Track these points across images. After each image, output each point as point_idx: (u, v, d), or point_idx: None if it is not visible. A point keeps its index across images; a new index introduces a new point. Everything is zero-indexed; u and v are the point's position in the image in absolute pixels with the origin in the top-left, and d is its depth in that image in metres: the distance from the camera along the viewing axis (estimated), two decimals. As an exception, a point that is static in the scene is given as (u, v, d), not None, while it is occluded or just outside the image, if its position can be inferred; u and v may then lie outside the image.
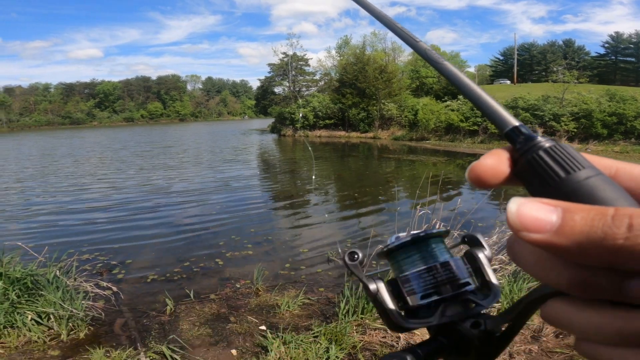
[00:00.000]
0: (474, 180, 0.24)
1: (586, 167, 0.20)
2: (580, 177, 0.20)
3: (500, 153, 0.24)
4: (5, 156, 24.17)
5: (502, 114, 0.25)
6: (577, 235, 0.18)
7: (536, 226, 0.18)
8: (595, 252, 0.17)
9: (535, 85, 37.79)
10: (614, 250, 0.17)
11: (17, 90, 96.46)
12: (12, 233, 6.98)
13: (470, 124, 23.22)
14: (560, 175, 0.20)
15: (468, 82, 0.26)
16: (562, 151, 0.21)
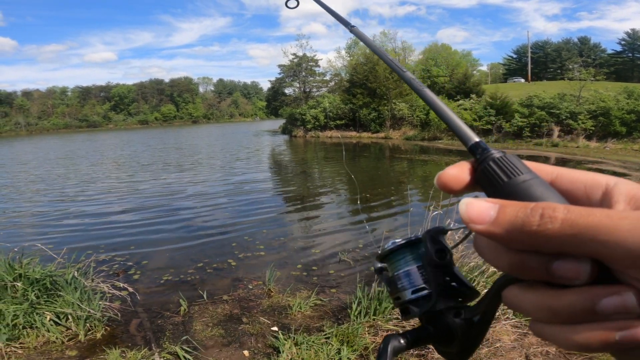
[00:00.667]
0: (441, 186, 0.28)
1: (524, 172, 0.25)
2: (519, 180, 0.24)
3: (463, 164, 0.28)
4: (25, 160, 24.88)
5: (467, 132, 0.30)
6: (506, 224, 0.22)
7: (479, 219, 0.23)
8: (520, 237, 0.22)
9: (551, 84, 37.02)
10: (531, 235, 0.21)
11: (35, 94, 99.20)
12: (32, 234, 7.18)
13: (484, 123, 22.88)
14: (504, 180, 0.25)
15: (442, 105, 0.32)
16: (507, 160, 0.26)
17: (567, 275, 0.22)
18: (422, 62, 43.82)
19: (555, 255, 0.22)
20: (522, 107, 21.83)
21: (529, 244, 0.22)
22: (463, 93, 29.19)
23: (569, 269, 0.21)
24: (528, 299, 0.23)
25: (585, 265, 0.21)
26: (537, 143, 20.12)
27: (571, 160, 15.30)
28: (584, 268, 0.21)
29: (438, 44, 48.69)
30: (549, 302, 0.22)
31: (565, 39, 68.06)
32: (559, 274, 0.22)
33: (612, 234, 0.19)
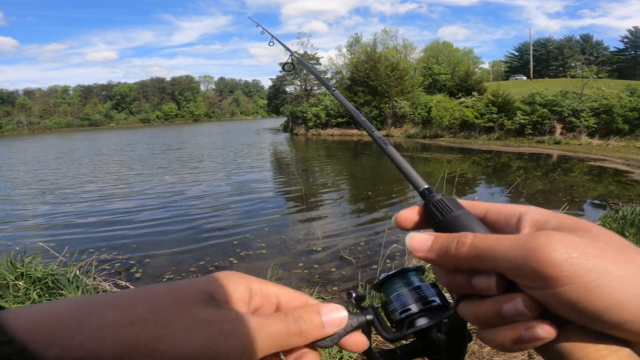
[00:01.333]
0: (397, 225, 0.35)
1: (455, 210, 0.31)
2: (451, 217, 0.31)
3: (414, 208, 0.34)
4: (26, 159, 24.96)
5: (418, 179, 0.36)
6: (437, 251, 0.29)
7: (419, 248, 0.30)
8: (446, 260, 0.29)
9: (553, 81, 36.85)
10: (451, 257, 0.28)
11: (37, 93, 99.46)
12: (34, 233, 7.21)
13: (486, 120, 22.82)
14: (440, 217, 0.32)
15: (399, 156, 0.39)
16: (443, 202, 0.32)
17: (482, 287, 0.27)
18: (423, 59, 43.68)
19: (474, 273, 0.28)
20: (524, 105, 21.75)
21: (452, 264, 0.29)
22: (465, 91, 29.08)
23: (482, 282, 0.27)
24: (467, 310, 0.29)
25: (492, 279, 0.27)
26: (539, 140, 20.07)
27: (573, 157, 15.26)
28: (491, 281, 0.27)
29: (439, 42, 48.56)
30: (476, 311, 0.28)
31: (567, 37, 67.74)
32: (476, 287, 0.28)
33: (498, 252, 0.26)
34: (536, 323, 0.25)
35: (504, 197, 8.87)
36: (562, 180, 11.00)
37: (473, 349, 2.76)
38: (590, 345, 0.25)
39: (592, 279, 0.23)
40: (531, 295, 0.25)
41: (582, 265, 0.23)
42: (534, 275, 0.24)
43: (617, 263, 0.24)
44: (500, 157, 16.67)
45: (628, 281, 0.23)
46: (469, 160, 15.78)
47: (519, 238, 0.26)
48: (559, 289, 0.24)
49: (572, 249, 0.24)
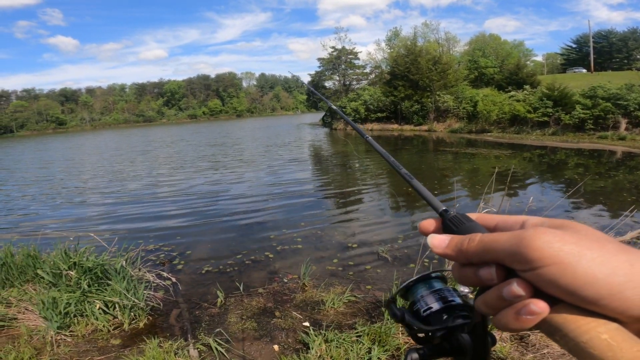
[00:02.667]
0: (420, 231, 0.43)
1: (465, 222, 0.39)
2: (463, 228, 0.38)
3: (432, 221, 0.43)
4: (88, 153, 27.05)
5: (436, 201, 0.44)
6: (452, 247, 0.37)
7: (438, 245, 0.38)
8: (459, 254, 0.36)
9: (617, 74, 33.57)
10: (463, 252, 0.35)
11: (98, 91, 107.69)
12: (89, 224, 7.78)
13: (540, 114, 21.25)
14: (455, 229, 0.39)
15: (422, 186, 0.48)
16: (457, 217, 0.40)
17: (485, 276, 0.34)
18: (468, 52, 41.59)
19: (480, 266, 0.34)
20: (585, 99, 19.95)
21: (464, 258, 0.35)
22: (515, 84, 27.27)
23: (485, 273, 0.34)
24: (480, 301, 0.35)
25: (492, 269, 0.33)
26: (601, 136, 18.35)
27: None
28: (492, 270, 0.33)
29: (486, 35, 45.87)
30: (485, 299, 0.34)
31: (631, 29, 61.13)
32: (482, 277, 0.34)
33: (498, 243, 0.32)
34: (531, 301, 0.30)
35: (560, 196, 8.20)
36: (627, 179, 9.97)
37: (514, 357, 2.57)
38: (581, 318, 0.29)
39: (568, 260, 0.29)
40: (524, 278, 0.31)
41: (560, 248, 0.29)
42: (523, 258, 0.30)
43: (591, 249, 0.29)
44: (556, 153, 15.46)
45: (600, 262, 0.28)
46: (520, 157, 14.80)
47: (514, 232, 0.32)
48: (543, 269, 0.29)
49: (552, 237, 0.30)
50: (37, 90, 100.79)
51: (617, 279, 0.28)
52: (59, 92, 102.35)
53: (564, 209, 7.08)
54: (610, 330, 0.28)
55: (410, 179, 0.50)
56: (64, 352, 2.94)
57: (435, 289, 0.40)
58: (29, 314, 3.31)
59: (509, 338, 2.74)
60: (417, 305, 0.40)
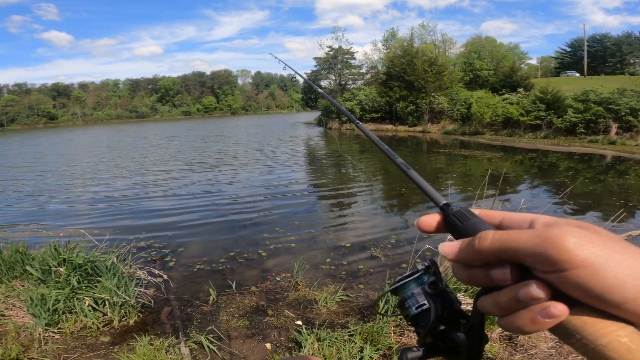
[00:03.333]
0: (418, 228, 0.41)
1: (471, 218, 0.37)
2: (467, 223, 0.37)
3: (434, 215, 0.41)
4: (78, 149, 26.73)
5: (438, 196, 0.42)
6: (464, 250, 0.34)
7: (450, 252, 0.35)
8: (471, 255, 0.34)
9: (610, 78, 34.03)
10: (476, 251, 0.33)
11: (91, 86, 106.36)
12: (79, 221, 7.69)
13: (532, 118, 21.47)
14: (459, 224, 0.37)
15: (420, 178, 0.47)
16: (461, 212, 0.38)
17: (499, 277, 0.32)
18: (464, 55, 41.87)
19: (492, 266, 0.33)
20: (577, 102, 20.19)
21: (478, 258, 0.33)
22: (509, 87, 27.50)
23: (499, 273, 0.32)
24: (487, 302, 0.33)
25: (507, 270, 0.31)
26: (592, 140, 18.61)
27: (629, 159, 14.00)
28: (506, 271, 0.31)
29: (482, 37, 46.18)
30: (496, 300, 0.32)
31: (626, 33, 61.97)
32: (494, 278, 0.32)
33: (519, 242, 0.30)
34: (550, 303, 0.29)
35: (550, 198, 8.30)
36: (616, 182, 10.13)
37: (502, 357, 2.60)
38: (600, 321, 0.28)
39: (598, 262, 0.27)
40: (544, 280, 0.29)
41: (590, 251, 0.28)
42: (551, 260, 0.28)
43: (618, 251, 0.28)
44: (547, 156, 15.65)
45: (627, 266, 0.28)
46: (512, 159, 14.95)
47: (536, 231, 0.30)
48: (572, 272, 0.28)
49: (581, 238, 0.28)
50: (29, 85, 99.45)
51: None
52: (51, 87, 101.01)
53: (554, 212, 7.16)
54: (630, 334, 0.27)
55: (407, 169, 0.48)
56: (52, 349, 2.90)
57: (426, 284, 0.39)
58: (16, 310, 3.27)
59: (497, 338, 2.77)
60: (408, 303, 0.39)
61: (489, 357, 2.53)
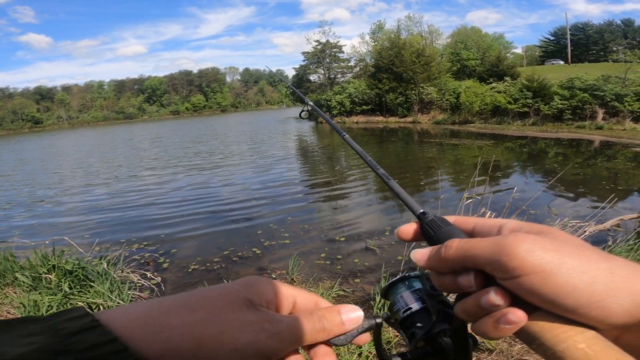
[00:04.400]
0: (398, 237, 0.42)
1: (443, 226, 0.38)
2: (440, 232, 0.38)
3: (412, 224, 0.41)
4: (65, 152, 26.28)
5: (414, 204, 0.43)
6: (433, 258, 0.35)
7: (421, 259, 0.36)
8: (440, 264, 0.34)
9: (594, 66, 34.49)
10: (442, 260, 0.34)
11: (75, 88, 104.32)
12: (68, 225, 7.55)
13: (520, 105, 21.72)
14: (432, 233, 0.39)
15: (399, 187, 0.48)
16: (434, 221, 0.39)
17: (464, 284, 0.33)
18: (450, 45, 42.02)
19: (459, 273, 0.33)
20: (563, 89, 20.46)
21: (446, 266, 0.34)
22: (496, 76, 27.75)
23: (464, 280, 0.33)
24: (458, 308, 0.34)
25: (471, 276, 0.32)
26: (579, 126, 18.90)
27: (617, 143, 14.24)
28: (470, 278, 0.32)
29: (467, 27, 46.43)
30: (463, 306, 0.33)
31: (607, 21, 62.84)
32: (461, 285, 0.33)
33: (478, 250, 0.31)
34: (509, 310, 0.30)
35: (541, 184, 8.39)
36: (605, 167, 10.29)
37: (502, 348, 2.62)
38: (559, 327, 0.28)
39: (549, 267, 0.28)
40: (504, 287, 0.30)
41: (541, 257, 0.28)
42: (504, 267, 0.29)
43: (572, 256, 0.29)
44: (537, 143, 15.84)
45: (580, 271, 0.28)
46: (502, 147, 15.10)
47: (493, 239, 0.31)
48: (525, 278, 0.28)
49: (533, 244, 0.29)
50: (11, 89, 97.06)
51: (598, 287, 0.28)
52: (34, 91, 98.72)
53: (546, 199, 7.25)
54: (588, 339, 0.27)
55: (388, 179, 0.51)
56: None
57: (414, 289, 0.40)
58: (10, 317, 3.20)
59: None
60: (396, 306, 0.39)
61: (488, 349, 2.54)
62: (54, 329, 0.24)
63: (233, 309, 0.30)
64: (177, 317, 0.28)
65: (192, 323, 0.28)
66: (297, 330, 0.31)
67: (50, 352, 0.22)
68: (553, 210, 6.45)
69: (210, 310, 0.29)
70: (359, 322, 0.34)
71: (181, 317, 0.28)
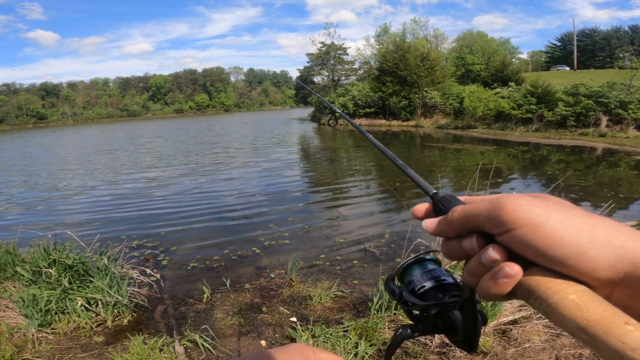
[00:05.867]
0: (413, 215, 0.45)
1: (452, 201, 0.42)
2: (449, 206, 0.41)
3: (425, 204, 0.45)
4: (68, 149, 26.39)
5: (428, 186, 0.48)
6: (441, 224, 0.39)
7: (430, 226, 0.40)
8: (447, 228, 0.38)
9: (599, 72, 34.36)
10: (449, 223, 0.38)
11: (80, 85, 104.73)
12: (70, 220, 7.60)
13: (523, 111, 21.66)
14: (442, 208, 0.42)
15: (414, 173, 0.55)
16: (445, 198, 0.43)
17: (468, 247, 0.36)
18: (455, 49, 42.01)
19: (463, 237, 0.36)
20: (567, 96, 20.39)
21: (452, 229, 0.38)
22: (501, 81, 27.70)
23: (467, 242, 0.36)
24: (465, 273, 0.37)
25: (473, 239, 0.35)
26: (582, 133, 18.83)
27: (620, 151, 14.19)
28: (473, 240, 0.35)
29: (473, 32, 46.38)
30: (469, 268, 0.36)
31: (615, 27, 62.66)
32: (465, 247, 0.36)
33: (477, 210, 0.35)
34: (506, 264, 0.33)
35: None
36: (607, 174, 10.26)
37: (496, 351, 2.62)
38: (552, 281, 0.30)
39: (538, 220, 0.31)
40: (500, 243, 0.33)
41: (530, 210, 0.32)
42: (498, 221, 0.33)
43: (558, 212, 0.32)
44: (539, 149, 15.79)
45: (566, 224, 0.31)
46: (504, 152, 15.06)
47: (490, 198, 0.35)
48: (517, 230, 0.31)
49: (524, 201, 0.33)
50: (17, 85, 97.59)
51: (582, 239, 0.30)
52: (40, 87, 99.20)
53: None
54: (578, 292, 0.29)
55: (405, 168, 0.57)
56: (46, 349, 2.87)
57: (428, 269, 0.43)
58: (9, 311, 3.23)
59: (491, 332, 2.80)
60: (412, 285, 0.43)
61: (482, 351, 2.55)
62: None
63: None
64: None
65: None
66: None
67: None
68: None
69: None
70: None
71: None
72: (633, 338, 0.25)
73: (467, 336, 0.39)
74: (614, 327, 0.26)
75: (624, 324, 0.26)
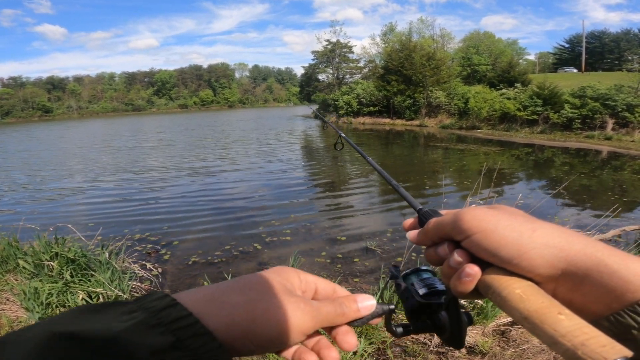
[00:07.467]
0: (403, 228, 0.51)
1: (433, 215, 0.47)
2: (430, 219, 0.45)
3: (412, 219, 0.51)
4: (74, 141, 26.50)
5: (415, 202, 0.56)
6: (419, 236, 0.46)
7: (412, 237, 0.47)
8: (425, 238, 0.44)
9: (607, 74, 34.05)
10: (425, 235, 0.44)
11: (86, 79, 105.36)
12: (74, 214, 7.64)
13: (529, 113, 21.49)
14: (424, 220, 0.47)
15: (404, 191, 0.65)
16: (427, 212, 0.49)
17: (442, 253, 0.41)
18: (462, 50, 41.77)
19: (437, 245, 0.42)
20: (574, 98, 20.21)
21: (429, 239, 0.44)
22: (507, 82, 27.49)
23: (441, 250, 0.41)
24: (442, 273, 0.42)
25: (444, 245, 0.41)
26: (588, 135, 18.67)
27: (625, 154, 14.07)
28: (445, 247, 0.41)
29: (480, 32, 46.06)
30: (443, 270, 0.41)
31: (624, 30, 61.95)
32: (439, 253, 0.41)
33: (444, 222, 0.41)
34: (467, 265, 0.38)
35: (546, 193, 8.33)
36: (612, 178, 10.18)
37: (495, 351, 2.61)
38: (503, 278, 0.36)
39: (489, 227, 0.37)
40: (463, 248, 0.39)
41: (483, 219, 0.37)
42: (459, 230, 0.38)
43: (506, 219, 0.37)
44: (544, 151, 15.69)
45: (511, 229, 0.36)
46: (508, 154, 14.98)
47: (454, 212, 0.41)
48: (473, 236, 0.37)
49: (479, 212, 0.38)
50: (24, 78, 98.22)
51: (523, 241, 0.35)
52: (46, 80, 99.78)
53: (550, 207, 7.20)
54: (523, 287, 0.34)
55: (397, 187, 0.67)
56: (46, 342, 2.88)
57: (423, 278, 0.48)
58: (10, 304, 3.24)
59: (490, 333, 2.79)
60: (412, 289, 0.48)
61: (481, 352, 2.54)
62: (146, 307, 0.31)
63: (274, 292, 0.36)
64: (233, 297, 0.34)
65: (245, 301, 0.34)
66: (324, 312, 0.38)
67: (147, 324, 0.30)
68: (556, 219, 6.41)
69: (257, 292, 0.35)
70: (372, 310, 0.41)
71: (236, 297, 0.35)
72: (563, 326, 0.29)
73: (452, 333, 0.43)
74: (548, 316, 0.31)
75: (557, 313, 0.31)
